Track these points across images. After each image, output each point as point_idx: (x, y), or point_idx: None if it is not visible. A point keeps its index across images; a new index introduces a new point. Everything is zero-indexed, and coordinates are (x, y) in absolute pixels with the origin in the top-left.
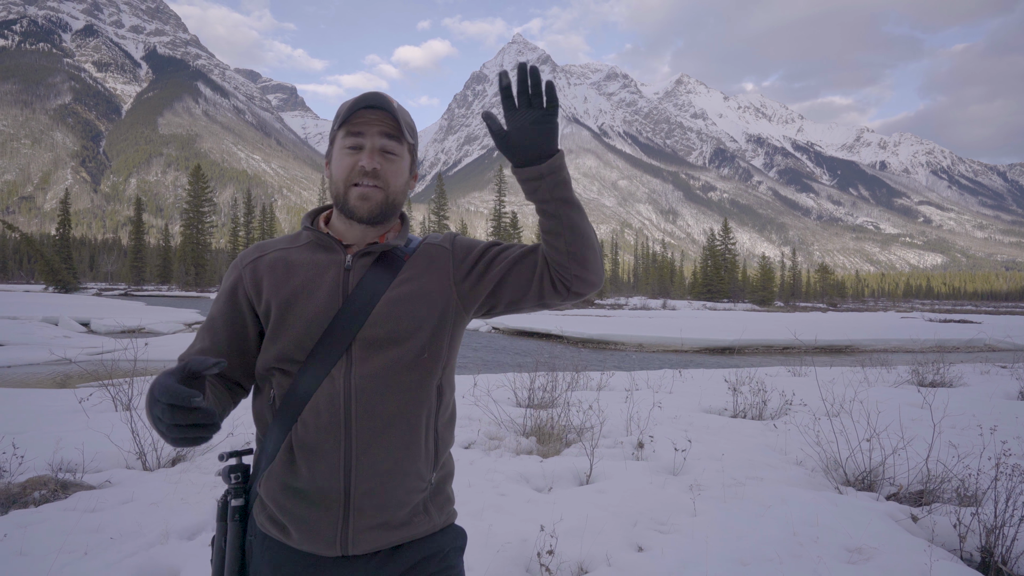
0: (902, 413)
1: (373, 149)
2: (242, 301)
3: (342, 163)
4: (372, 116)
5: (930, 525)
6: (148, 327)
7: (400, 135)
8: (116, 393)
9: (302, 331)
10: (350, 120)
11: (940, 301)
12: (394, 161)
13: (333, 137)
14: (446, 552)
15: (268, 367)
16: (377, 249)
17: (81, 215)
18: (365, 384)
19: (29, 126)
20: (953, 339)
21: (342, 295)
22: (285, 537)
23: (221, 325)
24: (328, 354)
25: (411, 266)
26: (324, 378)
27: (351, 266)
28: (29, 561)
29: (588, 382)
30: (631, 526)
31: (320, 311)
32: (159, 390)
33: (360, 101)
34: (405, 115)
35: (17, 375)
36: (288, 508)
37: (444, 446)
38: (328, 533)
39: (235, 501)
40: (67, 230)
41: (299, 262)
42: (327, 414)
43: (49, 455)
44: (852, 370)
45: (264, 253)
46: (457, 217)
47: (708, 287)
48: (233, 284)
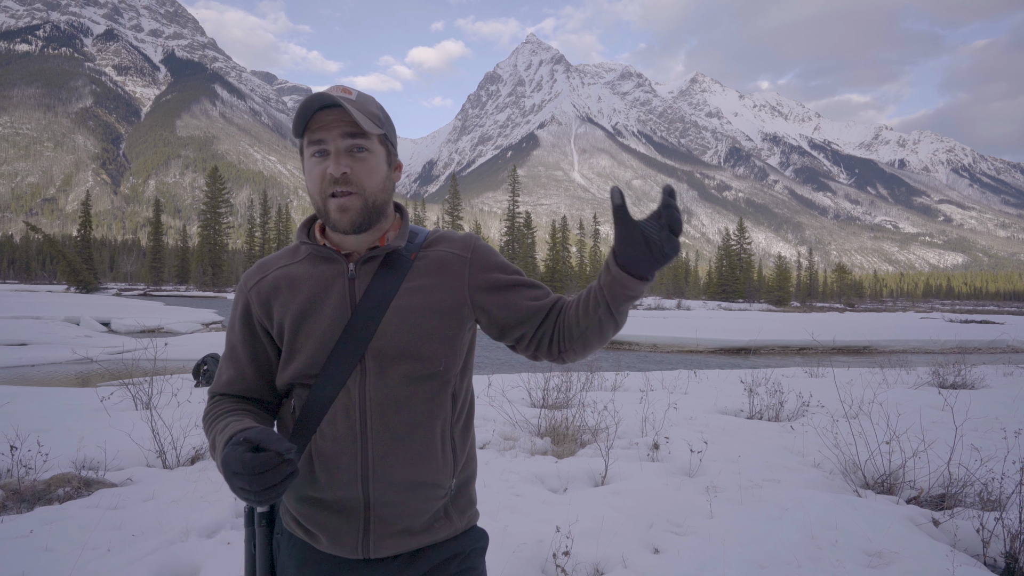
0: (922, 415)
1: (338, 152)
2: (257, 326)
3: (313, 173)
4: (329, 117)
5: (952, 530)
6: (167, 327)
7: (363, 130)
8: (137, 392)
9: (315, 347)
10: (309, 126)
11: (961, 301)
12: (364, 159)
13: (301, 148)
14: (468, 553)
15: (287, 383)
16: (379, 253)
17: (101, 216)
18: (380, 396)
19: (52, 129)
20: (975, 340)
21: (350, 306)
22: (311, 539)
23: (242, 353)
24: (341, 367)
25: (420, 270)
26: (340, 390)
27: (355, 274)
28: (54, 557)
29: (603, 382)
30: (647, 528)
31: (330, 325)
32: (238, 464)
33: (311, 105)
34: (367, 104)
35: (41, 374)
36: (311, 515)
37: (462, 452)
38: (350, 540)
39: (260, 508)
40: (88, 231)
41: (302, 277)
42: (344, 426)
43: (72, 453)
44: (871, 371)
45: (266, 274)
46: (471, 217)
47: (723, 287)
48: (244, 310)
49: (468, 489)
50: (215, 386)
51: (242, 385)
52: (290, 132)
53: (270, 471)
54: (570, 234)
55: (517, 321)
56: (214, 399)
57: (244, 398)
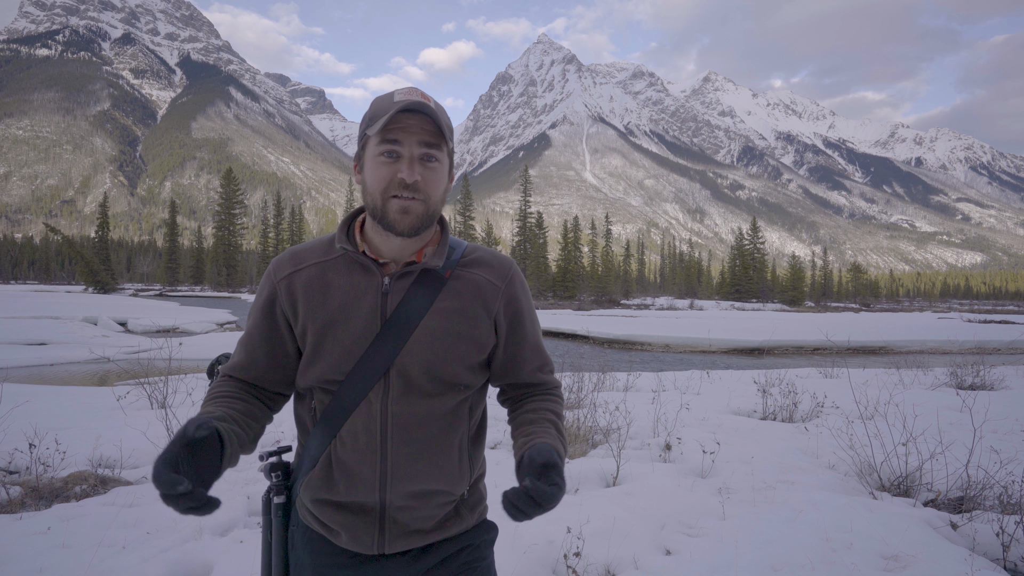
0: (940, 417)
1: (412, 159)
2: (279, 317)
3: (378, 172)
4: (411, 121)
5: (971, 533)
6: (182, 327)
7: (441, 141)
8: (152, 391)
9: (340, 356)
10: (386, 126)
11: (980, 301)
12: (435, 170)
13: (364, 140)
14: (477, 544)
15: (308, 386)
16: (415, 269)
17: (119, 218)
18: (402, 412)
19: (71, 132)
20: (994, 340)
21: (380, 320)
22: (329, 535)
23: (259, 339)
24: (366, 379)
25: (453, 291)
26: (362, 401)
27: (389, 289)
28: (71, 554)
29: (614, 383)
30: (659, 529)
31: (358, 337)
32: (153, 474)
33: (400, 102)
34: (444, 116)
35: (59, 373)
36: (329, 515)
37: (476, 460)
38: (367, 538)
39: (277, 499)
40: (106, 233)
41: (336, 284)
42: (364, 438)
43: (89, 451)
44: (886, 372)
45: (299, 267)
46: (483, 218)
47: (736, 287)
48: (270, 298)
49: (479, 488)
50: (226, 366)
51: (252, 372)
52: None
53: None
54: (582, 234)
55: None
56: (221, 379)
57: (250, 384)
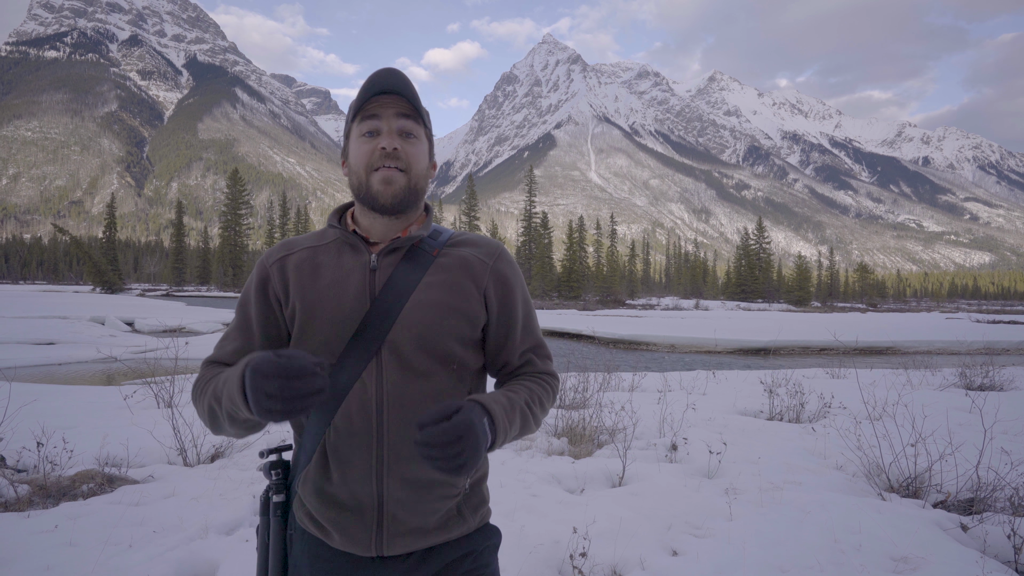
0: (949, 417)
1: (391, 131)
2: (273, 300)
3: (360, 150)
4: (387, 100)
5: (981, 535)
6: (188, 327)
7: (418, 115)
8: (158, 391)
9: (330, 334)
10: (364, 107)
11: (988, 301)
12: (414, 143)
13: (348, 132)
14: (480, 551)
15: None
16: (402, 243)
17: (126, 218)
18: (396, 391)
19: (78, 134)
20: (1003, 341)
21: (369, 297)
22: (324, 536)
23: (256, 325)
24: (358, 358)
25: (441, 267)
26: (355, 382)
27: (377, 266)
28: (78, 552)
29: (620, 383)
30: (665, 529)
31: (347, 314)
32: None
33: (373, 86)
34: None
35: (67, 372)
36: (324, 511)
37: None
38: (363, 537)
39: (276, 497)
40: (113, 233)
41: (325, 264)
42: (359, 420)
43: (96, 450)
44: (894, 372)
45: (291, 252)
46: (488, 218)
47: (742, 287)
48: (262, 282)
49: (480, 488)
50: (215, 354)
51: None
52: (309, 134)
53: (303, 377)
54: (587, 234)
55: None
56: (210, 366)
57: None
